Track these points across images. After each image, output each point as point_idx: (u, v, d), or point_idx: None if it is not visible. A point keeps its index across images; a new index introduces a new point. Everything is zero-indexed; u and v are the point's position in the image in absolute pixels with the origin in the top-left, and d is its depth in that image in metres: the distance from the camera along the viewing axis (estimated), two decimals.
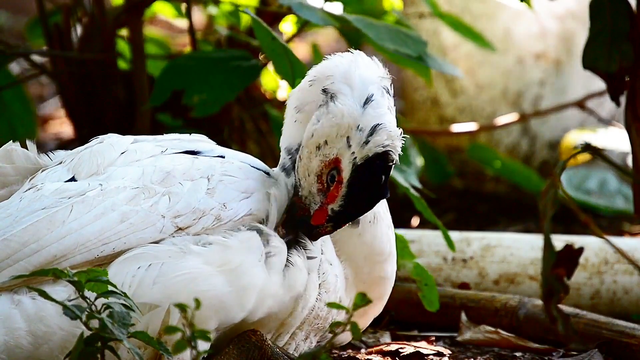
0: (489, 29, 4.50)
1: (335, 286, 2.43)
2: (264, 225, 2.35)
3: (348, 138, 2.32)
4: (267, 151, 3.79)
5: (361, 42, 3.52)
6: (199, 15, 4.95)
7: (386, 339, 2.91)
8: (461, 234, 3.24)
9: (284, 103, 2.52)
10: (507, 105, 4.59)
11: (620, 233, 4.12)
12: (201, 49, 3.77)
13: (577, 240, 3.18)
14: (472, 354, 2.81)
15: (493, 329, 2.90)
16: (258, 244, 2.32)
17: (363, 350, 2.77)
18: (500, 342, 2.88)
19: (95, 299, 2.12)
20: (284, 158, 2.45)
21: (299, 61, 2.83)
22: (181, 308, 2.07)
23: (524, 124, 4.60)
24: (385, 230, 2.48)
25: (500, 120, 4.41)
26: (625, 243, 3.25)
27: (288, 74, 2.87)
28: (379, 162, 2.32)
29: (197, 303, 2.08)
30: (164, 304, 2.25)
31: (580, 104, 4.32)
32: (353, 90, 2.34)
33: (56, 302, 2.12)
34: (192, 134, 2.51)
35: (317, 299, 2.40)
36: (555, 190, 2.12)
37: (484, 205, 4.60)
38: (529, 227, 4.25)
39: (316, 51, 4.18)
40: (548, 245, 2.10)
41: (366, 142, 2.31)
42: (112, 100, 3.69)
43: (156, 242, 2.29)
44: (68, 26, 3.69)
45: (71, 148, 2.55)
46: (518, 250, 3.20)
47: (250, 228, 2.33)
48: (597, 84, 4.27)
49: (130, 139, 2.46)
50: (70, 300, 2.19)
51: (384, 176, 2.33)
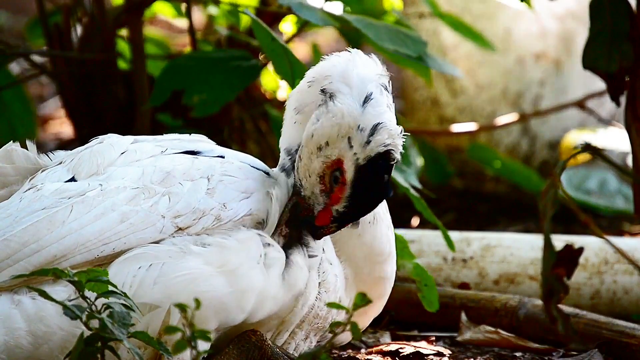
0: (489, 29, 4.50)
1: (335, 286, 2.43)
2: (264, 225, 2.36)
3: (349, 138, 2.32)
4: (267, 151, 3.79)
5: (361, 42, 3.52)
6: (199, 15, 4.95)
7: (386, 339, 2.91)
8: (461, 234, 3.24)
9: (284, 103, 2.52)
10: (507, 105, 4.59)
11: (620, 233, 4.12)
12: (201, 49, 3.77)
13: (577, 240, 3.18)
14: (472, 354, 2.81)
15: (493, 329, 2.90)
16: (257, 244, 2.32)
17: (363, 350, 2.77)
18: (500, 342, 2.88)
19: (96, 299, 2.12)
20: (283, 159, 2.45)
21: (299, 61, 2.83)
22: (181, 308, 2.07)
23: (524, 124, 4.60)
24: (385, 231, 2.48)
25: (500, 120, 4.41)
26: (625, 243, 3.25)
27: (288, 74, 2.87)
28: (382, 162, 2.32)
29: (197, 303, 2.08)
30: (164, 304, 2.25)
31: (580, 104, 4.32)
32: (352, 89, 2.34)
33: (56, 302, 2.12)
34: (192, 134, 2.51)
35: (317, 298, 2.40)
36: (555, 190, 2.11)
37: (484, 205, 4.60)
38: (529, 227, 4.25)
39: (316, 51, 4.17)
40: (548, 245, 2.10)
41: (368, 142, 2.31)
42: (112, 100, 3.69)
43: (156, 242, 2.29)
44: (68, 26, 3.69)
45: (71, 148, 2.54)
46: (518, 250, 3.20)
47: (249, 230, 2.33)
48: (597, 84, 4.26)
49: (130, 139, 2.46)
50: (70, 300, 2.19)
51: (386, 175, 2.33)
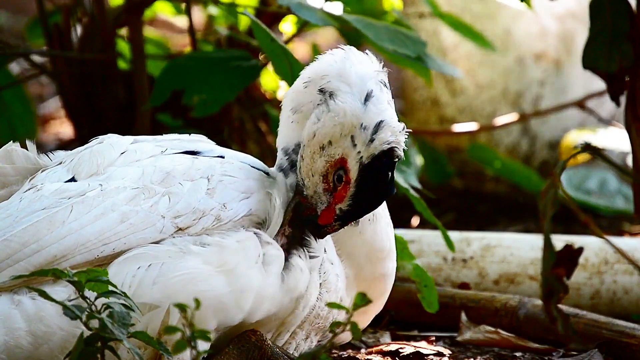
0: (489, 29, 4.50)
1: (336, 285, 2.43)
2: (265, 225, 2.36)
3: (352, 137, 2.32)
4: (267, 151, 3.79)
5: (361, 42, 3.52)
6: (199, 15, 4.95)
7: (386, 339, 2.91)
8: (461, 234, 3.24)
9: None
10: (507, 105, 4.59)
11: (620, 233, 4.12)
12: (201, 49, 3.77)
13: (577, 240, 3.18)
14: (472, 354, 2.81)
15: (493, 329, 2.90)
16: (255, 245, 2.32)
17: (363, 350, 2.77)
18: (500, 342, 2.88)
19: (95, 299, 2.12)
20: (281, 159, 2.44)
21: (298, 62, 2.83)
22: (181, 308, 2.07)
23: (524, 124, 4.60)
24: (385, 228, 2.48)
25: (500, 120, 4.41)
26: (625, 243, 3.25)
27: (287, 74, 2.87)
28: (385, 160, 2.32)
29: (197, 303, 2.08)
30: (164, 304, 2.24)
31: (580, 104, 4.32)
32: (351, 87, 2.34)
33: (56, 302, 2.12)
34: (192, 134, 2.51)
35: (318, 299, 2.40)
36: (555, 190, 2.11)
37: (484, 205, 4.60)
38: (529, 227, 4.25)
39: (316, 51, 4.17)
40: (548, 245, 2.10)
41: (371, 141, 2.31)
42: (112, 100, 3.69)
43: (156, 243, 2.29)
44: (68, 26, 3.69)
45: (71, 148, 2.54)
46: (518, 250, 3.20)
47: (248, 230, 2.33)
48: (597, 84, 4.26)
49: (130, 139, 2.46)
50: (70, 300, 2.19)
51: (390, 173, 2.33)
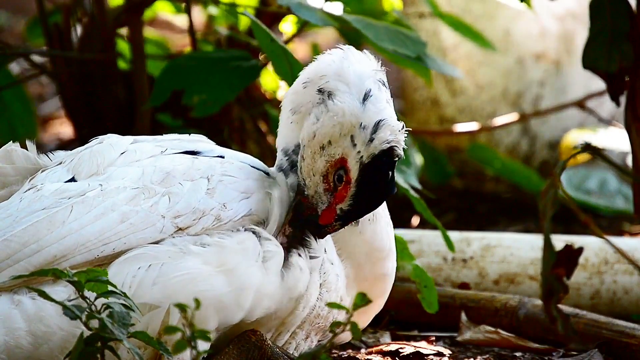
0: (489, 29, 4.50)
1: (337, 285, 2.43)
2: (265, 225, 2.36)
3: (352, 137, 2.32)
4: (267, 151, 3.78)
5: (361, 43, 3.52)
6: (199, 15, 4.95)
7: (386, 339, 2.91)
8: (461, 234, 3.24)
9: None
10: (507, 105, 4.59)
11: (620, 233, 4.12)
12: (201, 49, 3.77)
13: (577, 240, 3.18)
14: (472, 354, 2.81)
15: (493, 329, 2.90)
16: (254, 244, 2.32)
17: (363, 350, 2.77)
18: (500, 342, 2.88)
19: (95, 299, 2.12)
20: (280, 159, 2.45)
21: (298, 62, 2.83)
22: (181, 308, 2.07)
23: (524, 124, 4.60)
24: (385, 227, 2.48)
25: (500, 120, 4.41)
26: (625, 243, 3.25)
27: (287, 74, 2.87)
28: (385, 159, 2.32)
29: (197, 303, 2.08)
30: (164, 304, 2.25)
31: (580, 104, 4.32)
32: (350, 86, 2.34)
33: (56, 302, 2.12)
34: (192, 134, 2.51)
35: (318, 299, 2.40)
36: (555, 190, 2.11)
37: (484, 205, 4.60)
38: (529, 227, 4.25)
39: (316, 51, 4.17)
40: (548, 245, 2.10)
41: (371, 140, 2.31)
42: (112, 100, 3.69)
43: (156, 243, 2.29)
44: (68, 26, 3.69)
45: (71, 148, 2.54)
46: (518, 250, 3.20)
47: (247, 229, 2.33)
48: (597, 84, 4.26)
49: (130, 139, 2.46)
50: (70, 300, 2.19)
51: (390, 172, 2.33)
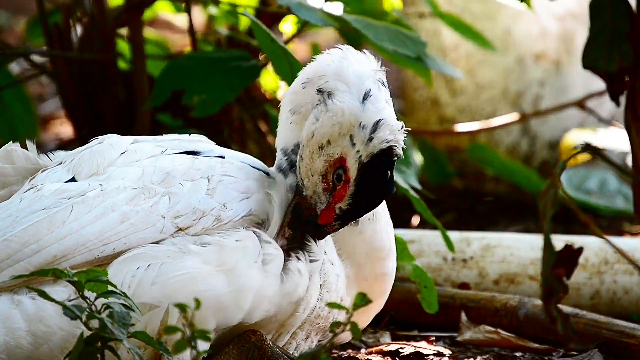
0: (489, 29, 4.50)
1: (337, 286, 2.43)
2: (264, 225, 2.36)
3: (351, 136, 2.32)
4: (267, 151, 3.78)
5: (361, 43, 3.52)
6: (199, 15, 4.95)
7: (386, 339, 2.91)
8: (461, 234, 3.24)
9: None
10: (507, 105, 4.59)
11: (620, 233, 4.12)
12: (201, 49, 3.77)
13: (577, 240, 3.18)
14: (472, 354, 2.81)
15: (493, 329, 2.90)
16: (254, 244, 2.32)
17: (363, 350, 2.77)
18: (500, 342, 2.88)
19: (95, 299, 2.12)
20: (280, 159, 2.45)
21: (298, 62, 2.83)
22: (181, 308, 2.06)
23: (524, 124, 4.60)
24: (385, 227, 2.48)
25: (499, 120, 4.40)
26: (625, 243, 3.25)
27: (287, 74, 2.87)
28: (385, 158, 2.32)
29: (197, 303, 2.08)
30: (163, 304, 2.25)
31: (580, 104, 4.32)
32: (349, 86, 2.34)
33: (56, 302, 2.12)
34: (192, 134, 2.51)
35: (319, 299, 2.40)
36: (555, 190, 2.11)
37: (484, 205, 4.60)
38: (529, 227, 4.25)
39: (316, 51, 4.16)
40: (548, 245, 2.10)
41: (370, 140, 2.31)
42: (112, 100, 3.69)
43: (156, 243, 2.29)
44: (68, 26, 3.69)
45: (71, 148, 2.54)
46: (518, 250, 3.20)
47: (248, 230, 2.33)
48: (597, 84, 4.26)
49: (130, 139, 2.46)
50: (70, 300, 2.19)
51: (389, 171, 2.33)
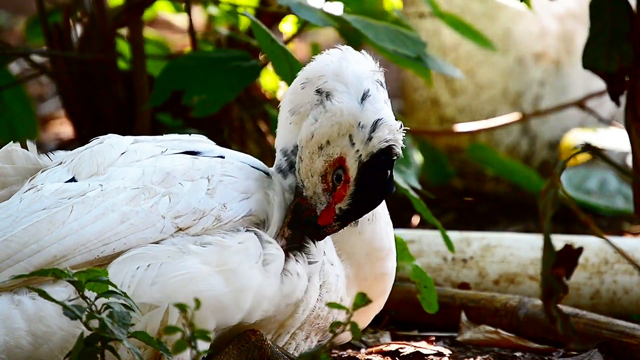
0: (489, 29, 4.50)
1: (337, 286, 2.43)
2: (264, 225, 2.36)
3: (350, 136, 2.32)
4: (267, 151, 3.78)
5: (361, 43, 3.52)
6: (199, 15, 4.95)
7: (386, 339, 2.91)
8: (461, 234, 3.24)
9: None
10: (507, 105, 4.59)
11: (620, 233, 4.12)
12: (201, 49, 3.77)
13: (577, 240, 3.18)
14: (472, 354, 2.81)
15: (493, 329, 2.90)
16: (256, 245, 2.32)
17: (363, 350, 2.77)
18: (500, 342, 2.88)
19: (96, 299, 2.12)
20: (279, 160, 2.45)
21: (298, 62, 2.83)
22: (181, 308, 2.06)
23: (524, 124, 4.60)
24: (384, 227, 2.48)
25: (499, 119, 4.40)
26: (625, 243, 3.25)
27: (287, 75, 2.87)
28: (384, 158, 2.33)
29: (197, 303, 2.08)
30: (163, 304, 2.25)
31: (580, 104, 4.32)
32: (348, 87, 2.34)
33: (56, 302, 2.12)
34: (192, 134, 2.51)
35: (318, 300, 2.40)
36: (555, 190, 2.11)
37: (484, 205, 4.60)
38: (529, 227, 4.25)
39: (316, 51, 4.16)
40: (548, 245, 2.10)
41: (369, 139, 2.31)
42: (112, 100, 3.69)
43: (156, 243, 2.29)
44: (68, 26, 3.69)
45: (71, 148, 2.54)
46: (518, 250, 3.20)
47: (248, 231, 2.33)
48: (597, 84, 4.26)
49: (130, 139, 2.46)
50: (70, 300, 2.19)
51: (389, 171, 2.34)
